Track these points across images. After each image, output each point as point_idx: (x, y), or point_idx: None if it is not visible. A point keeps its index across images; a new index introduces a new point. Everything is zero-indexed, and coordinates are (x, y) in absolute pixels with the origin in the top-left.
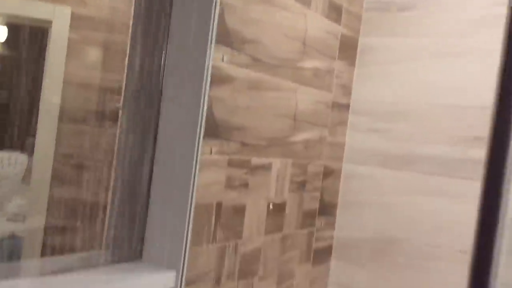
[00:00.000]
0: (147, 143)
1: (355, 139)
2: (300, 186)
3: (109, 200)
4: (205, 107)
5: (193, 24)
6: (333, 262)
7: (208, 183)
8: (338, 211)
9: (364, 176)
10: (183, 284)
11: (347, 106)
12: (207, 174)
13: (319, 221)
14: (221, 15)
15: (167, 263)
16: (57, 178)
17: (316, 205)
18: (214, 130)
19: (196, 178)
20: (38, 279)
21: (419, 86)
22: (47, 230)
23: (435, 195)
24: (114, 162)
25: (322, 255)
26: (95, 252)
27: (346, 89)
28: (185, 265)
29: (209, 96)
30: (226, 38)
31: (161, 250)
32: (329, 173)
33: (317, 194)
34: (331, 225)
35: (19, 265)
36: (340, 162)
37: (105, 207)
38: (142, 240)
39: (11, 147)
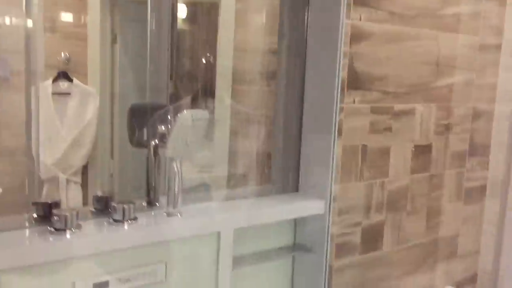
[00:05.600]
0: (297, 96)
1: (508, 79)
2: (446, 128)
3: (271, 147)
4: (341, 63)
5: None
6: (488, 201)
7: (353, 128)
8: (491, 151)
9: None
10: (331, 211)
11: (497, 47)
12: (351, 120)
13: (470, 162)
14: None
15: (318, 195)
16: (232, 132)
17: (465, 146)
18: (356, 82)
19: (337, 125)
20: (225, 202)
21: None
22: (229, 175)
23: None
24: (273, 115)
25: (475, 194)
26: (265, 186)
27: (497, 30)
28: (332, 196)
29: (350, 52)
30: None
31: (313, 185)
32: (480, 115)
33: (466, 135)
34: (484, 165)
35: (210, 193)
36: (492, 103)
37: (269, 152)
38: (297, 177)
39: (193, 103)
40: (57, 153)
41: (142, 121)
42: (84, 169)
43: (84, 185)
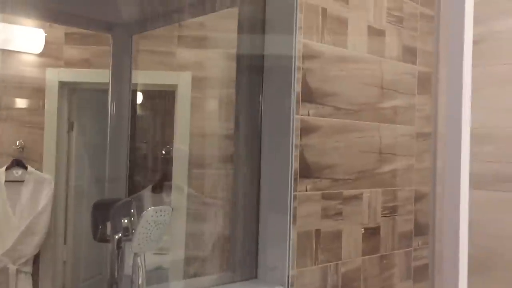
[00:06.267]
0: (254, 183)
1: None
2: (392, 211)
3: (229, 232)
4: (293, 155)
5: (278, 86)
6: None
7: (306, 214)
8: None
9: None
10: None
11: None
12: (305, 207)
13: (416, 241)
14: (304, 78)
15: (276, 280)
16: (190, 216)
17: (411, 227)
18: (308, 171)
19: (292, 211)
20: None
21: (500, 111)
22: (185, 259)
23: None
24: (230, 202)
25: (422, 272)
26: (222, 274)
27: (429, 119)
28: (290, 282)
29: (300, 144)
30: (310, 96)
31: (271, 270)
32: (421, 197)
33: (411, 217)
34: (428, 244)
35: (167, 285)
36: (430, 186)
37: (227, 237)
38: (256, 263)
39: (153, 191)
40: (8, 242)
41: (105, 217)
42: (36, 258)
43: (35, 275)
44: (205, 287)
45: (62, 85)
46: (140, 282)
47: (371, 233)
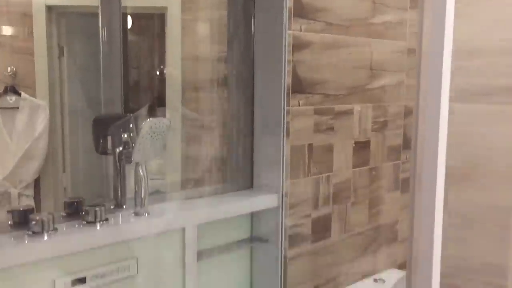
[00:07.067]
0: (247, 101)
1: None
2: (382, 125)
3: (225, 148)
4: (286, 70)
5: (271, 1)
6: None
7: (299, 129)
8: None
9: None
10: (284, 203)
11: None
12: (297, 122)
13: (404, 155)
14: None
15: (271, 190)
16: (185, 137)
17: (399, 141)
18: (300, 86)
19: (285, 125)
20: (187, 201)
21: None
22: (188, 177)
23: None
24: (226, 119)
25: (409, 183)
26: (222, 185)
27: None
28: (283, 189)
29: (293, 60)
30: (301, 11)
31: (266, 181)
32: (410, 112)
33: (400, 131)
34: None
35: (171, 194)
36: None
37: (223, 154)
38: (251, 176)
39: (149, 113)
40: (8, 167)
41: (105, 131)
42: (36, 182)
43: (37, 198)
44: (205, 195)
45: (50, 9)
46: (142, 190)
47: (362, 147)
